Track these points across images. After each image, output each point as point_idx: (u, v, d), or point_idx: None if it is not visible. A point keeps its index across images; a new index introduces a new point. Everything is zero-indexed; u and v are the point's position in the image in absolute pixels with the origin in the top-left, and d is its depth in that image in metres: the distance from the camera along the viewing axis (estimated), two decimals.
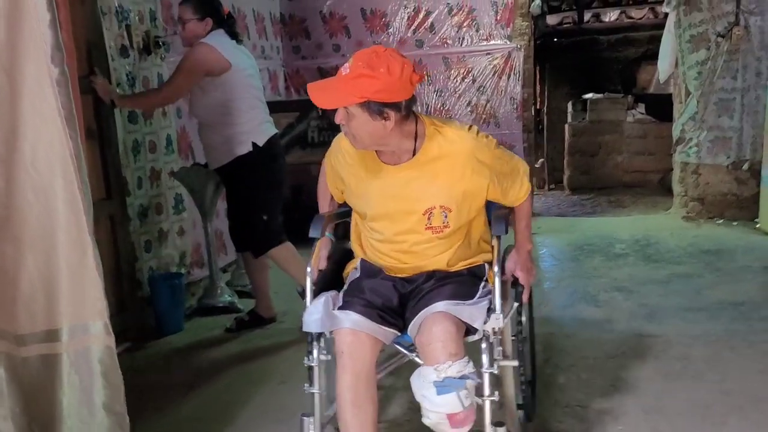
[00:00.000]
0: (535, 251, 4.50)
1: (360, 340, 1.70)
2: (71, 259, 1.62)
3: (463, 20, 5.04)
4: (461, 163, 1.76)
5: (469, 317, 1.71)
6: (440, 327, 1.65)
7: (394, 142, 1.75)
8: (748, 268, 3.84)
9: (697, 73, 4.92)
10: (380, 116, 1.66)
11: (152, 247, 3.36)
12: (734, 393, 2.35)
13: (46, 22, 1.51)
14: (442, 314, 1.68)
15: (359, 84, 1.63)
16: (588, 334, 2.97)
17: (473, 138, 1.79)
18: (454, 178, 1.77)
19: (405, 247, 1.84)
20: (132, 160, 3.22)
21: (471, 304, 1.76)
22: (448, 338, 1.63)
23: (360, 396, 1.69)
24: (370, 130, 1.69)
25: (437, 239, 1.82)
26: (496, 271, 1.81)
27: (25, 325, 1.64)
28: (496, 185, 1.84)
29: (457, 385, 1.59)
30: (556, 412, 2.29)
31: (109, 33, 3.02)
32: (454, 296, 1.76)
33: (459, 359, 1.62)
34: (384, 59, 1.64)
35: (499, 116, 5.12)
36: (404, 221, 1.81)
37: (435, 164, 1.77)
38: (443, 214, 1.78)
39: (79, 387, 1.68)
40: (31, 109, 1.55)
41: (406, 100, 1.69)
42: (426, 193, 1.78)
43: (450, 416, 1.60)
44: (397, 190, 1.79)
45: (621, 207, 6.22)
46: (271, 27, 5.04)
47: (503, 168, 1.85)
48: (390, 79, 1.62)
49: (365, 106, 1.64)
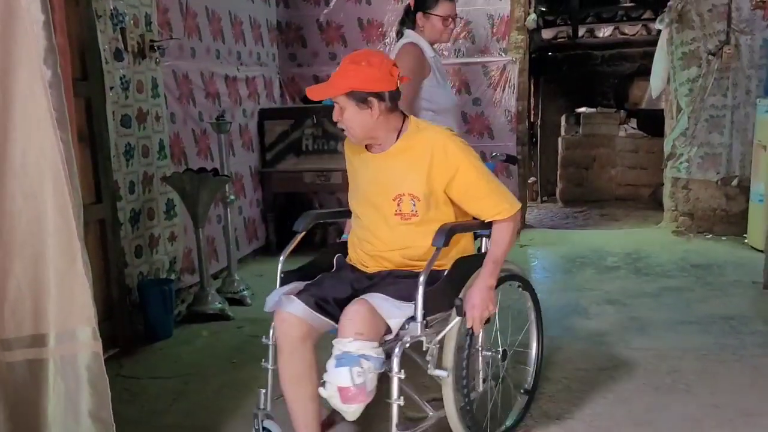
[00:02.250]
0: (527, 263, 4.51)
1: (290, 323, 1.83)
2: (60, 265, 1.60)
3: (460, 32, 5.06)
4: (430, 153, 1.90)
5: (386, 312, 1.75)
6: (354, 307, 1.74)
7: (382, 135, 1.94)
8: (738, 282, 3.86)
9: (689, 89, 4.98)
10: (365, 104, 1.85)
11: (143, 253, 3.34)
12: (724, 407, 2.36)
13: (39, 24, 1.50)
14: (362, 300, 1.77)
15: (345, 77, 1.86)
16: (579, 347, 2.97)
17: (448, 135, 1.94)
18: (422, 168, 1.90)
19: (377, 232, 1.97)
20: (124, 164, 3.20)
21: (397, 304, 1.78)
22: (357, 318, 1.71)
23: (296, 373, 1.85)
24: (359, 120, 1.88)
25: (405, 226, 1.92)
26: (421, 281, 1.79)
27: (12, 330, 1.62)
28: (461, 186, 1.91)
29: (352, 361, 1.67)
30: (547, 424, 2.28)
31: (103, 36, 3.01)
32: (390, 293, 1.81)
33: (364, 339, 1.69)
34: (365, 55, 1.90)
35: (493, 128, 5.14)
36: (379, 206, 1.96)
37: (408, 153, 1.93)
38: (412, 202, 1.91)
39: (64, 393, 1.65)
40: (23, 112, 1.54)
41: (390, 91, 1.87)
42: (397, 180, 1.93)
43: (340, 390, 1.68)
44: (375, 176, 1.98)
45: (613, 220, 6.25)
46: (268, 34, 5.05)
47: (471, 174, 1.91)
48: (370, 69, 1.84)
49: (351, 96, 1.85)
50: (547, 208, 7.30)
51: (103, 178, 2.98)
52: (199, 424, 2.36)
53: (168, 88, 3.58)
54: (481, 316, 1.90)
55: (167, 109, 3.57)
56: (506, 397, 2.25)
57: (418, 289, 1.78)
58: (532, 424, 2.28)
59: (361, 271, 2.03)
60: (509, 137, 5.12)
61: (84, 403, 1.66)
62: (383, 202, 1.95)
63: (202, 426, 2.34)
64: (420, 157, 1.91)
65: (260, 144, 4.82)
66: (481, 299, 1.90)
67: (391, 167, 1.95)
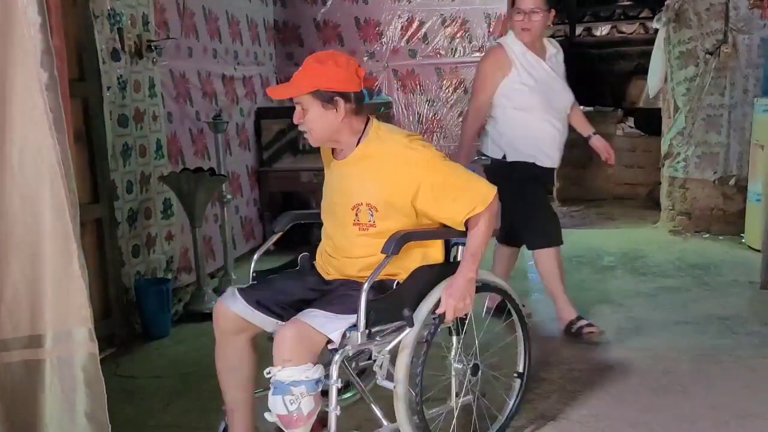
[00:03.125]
0: (523, 262, 4.52)
1: (226, 316, 1.88)
2: (57, 266, 1.60)
3: (456, 31, 5.07)
4: (388, 164, 1.85)
5: (320, 325, 1.72)
6: (281, 333, 1.72)
7: (344, 138, 1.90)
8: (735, 282, 3.87)
9: (686, 89, 4.98)
10: (330, 104, 1.81)
11: (140, 252, 3.34)
12: (720, 407, 2.37)
13: (36, 26, 1.50)
14: (292, 322, 1.74)
15: (310, 76, 1.83)
16: (575, 347, 2.97)
17: (406, 143, 1.87)
18: (380, 179, 1.86)
19: (337, 242, 1.95)
20: (121, 163, 3.20)
21: (336, 315, 1.75)
22: (283, 345, 1.69)
23: (227, 364, 1.91)
24: (324, 121, 1.84)
25: (363, 237, 1.88)
26: (365, 287, 1.75)
27: (9, 331, 1.62)
28: (428, 194, 1.85)
29: (283, 389, 1.68)
30: (542, 425, 2.29)
31: (100, 36, 3.01)
32: (332, 305, 1.78)
33: (293, 365, 1.67)
34: (331, 55, 1.88)
35: None
36: (339, 215, 1.93)
37: (366, 162, 1.89)
38: (369, 212, 1.87)
39: (61, 394, 1.66)
40: (20, 114, 1.54)
41: (355, 92, 1.84)
42: (356, 189, 1.90)
43: (279, 417, 1.71)
44: (338, 184, 1.96)
45: (610, 219, 6.25)
46: (265, 33, 5.04)
47: (437, 179, 1.85)
48: (337, 69, 1.82)
49: (316, 96, 1.81)
50: None
51: (101, 177, 2.98)
52: (196, 423, 2.37)
53: (165, 87, 3.58)
54: (456, 304, 1.86)
55: (164, 109, 3.57)
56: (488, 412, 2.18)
57: (361, 297, 1.74)
58: (528, 425, 2.29)
59: (320, 276, 2.02)
60: None
61: (80, 404, 1.66)
62: (343, 212, 1.91)
63: (198, 425, 2.35)
64: (378, 166, 1.86)
65: (257, 143, 4.82)
66: (459, 289, 1.87)
67: (351, 176, 1.91)
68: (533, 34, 2.90)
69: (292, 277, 2.04)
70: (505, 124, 2.96)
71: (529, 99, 2.89)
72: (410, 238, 1.87)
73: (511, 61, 2.89)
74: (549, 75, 2.96)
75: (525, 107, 2.91)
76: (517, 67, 2.89)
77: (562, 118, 3.02)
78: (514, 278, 4.11)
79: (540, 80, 2.92)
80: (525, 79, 2.89)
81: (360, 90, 1.86)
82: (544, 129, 2.96)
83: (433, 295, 1.91)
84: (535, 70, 2.92)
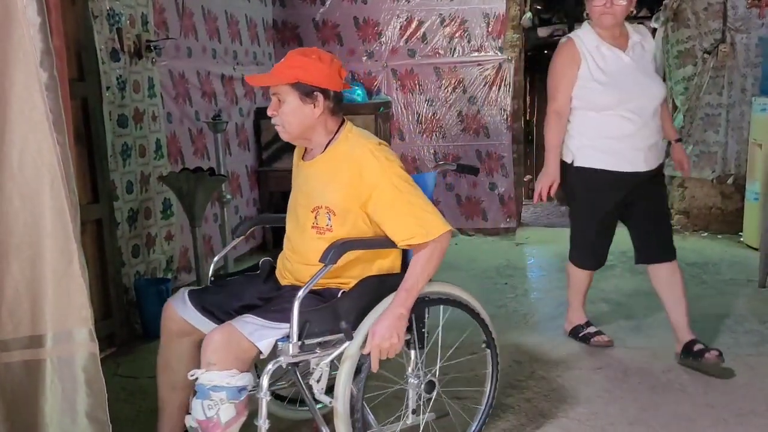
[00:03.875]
0: (523, 261, 4.53)
1: (170, 318, 1.89)
2: (57, 267, 1.61)
3: (455, 31, 5.07)
4: (350, 167, 1.81)
5: (250, 333, 1.66)
6: (209, 336, 1.68)
7: (316, 138, 1.86)
8: (733, 281, 3.87)
9: (684, 88, 4.99)
10: (310, 98, 1.78)
11: (140, 252, 3.34)
12: (718, 406, 2.37)
13: (36, 27, 1.50)
14: (223, 326, 1.70)
15: (292, 66, 1.79)
16: (574, 345, 2.98)
17: (372, 150, 1.81)
18: (341, 182, 1.81)
19: (296, 245, 1.90)
20: (121, 164, 3.20)
21: (271, 325, 1.69)
22: (209, 348, 1.65)
23: (164, 362, 1.92)
24: (300, 116, 1.80)
25: (319, 241, 1.82)
26: (299, 296, 1.67)
27: (9, 331, 1.62)
28: (377, 205, 1.79)
29: (203, 393, 1.64)
30: (541, 423, 2.30)
31: (99, 36, 3.01)
32: (270, 313, 1.72)
33: (216, 369, 1.63)
34: (315, 50, 1.84)
35: (488, 127, 5.15)
36: (300, 217, 1.89)
37: (330, 164, 1.85)
38: (327, 216, 1.82)
39: (61, 394, 1.66)
40: (20, 115, 1.54)
41: (336, 92, 1.82)
42: (318, 192, 1.85)
43: (198, 422, 1.66)
44: (302, 185, 1.92)
45: None
46: (264, 33, 5.05)
47: (387, 194, 1.77)
48: (321, 64, 1.78)
49: (296, 88, 1.77)
50: (542, 206, 7.30)
51: (100, 178, 2.99)
52: None
53: (164, 87, 3.58)
54: (380, 345, 1.72)
55: (164, 109, 3.57)
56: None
57: (294, 307, 1.66)
58: (527, 423, 2.30)
59: (277, 282, 1.98)
60: (505, 136, 5.14)
61: (81, 404, 1.66)
62: (304, 214, 1.87)
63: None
64: (340, 170, 1.82)
65: (256, 143, 4.82)
66: (386, 327, 1.73)
67: (315, 177, 1.87)
68: (616, 20, 2.58)
69: (248, 282, 1.99)
70: (574, 125, 2.71)
71: (600, 98, 2.61)
72: (349, 247, 1.77)
73: (581, 55, 2.63)
74: (628, 67, 2.62)
75: (596, 107, 2.63)
76: (587, 63, 2.62)
77: (647, 113, 2.62)
78: (513, 276, 4.14)
79: (615, 74, 2.61)
80: (596, 75, 2.61)
81: (340, 90, 1.84)
82: (621, 128, 2.61)
83: (379, 308, 1.79)
84: (610, 64, 2.62)
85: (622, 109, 2.60)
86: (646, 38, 2.71)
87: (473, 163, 5.20)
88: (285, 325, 1.68)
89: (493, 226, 5.26)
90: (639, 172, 2.66)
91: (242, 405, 1.67)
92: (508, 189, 5.20)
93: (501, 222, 5.25)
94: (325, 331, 1.74)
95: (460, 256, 4.65)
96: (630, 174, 2.66)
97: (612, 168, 2.65)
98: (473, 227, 5.29)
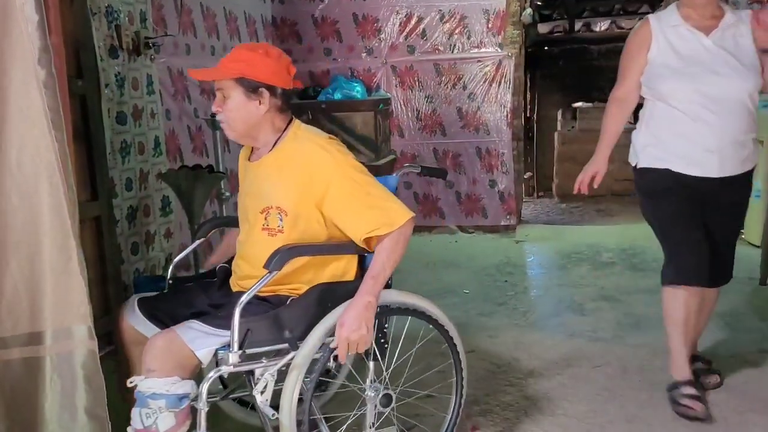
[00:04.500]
0: (523, 258, 4.53)
1: (121, 327, 1.84)
2: (56, 264, 1.61)
3: (455, 27, 5.06)
4: (300, 164, 1.73)
5: (190, 340, 1.60)
6: (150, 341, 1.63)
7: (263, 136, 1.80)
8: (734, 278, 3.84)
9: None
10: (255, 94, 1.72)
11: (139, 250, 3.34)
12: (718, 404, 2.37)
13: (34, 24, 1.50)
14: (164, 332, 1.65)
15: (237, 61, 1.72)
16: (574, 343, 2.98)
17: (322, 145, 1.75)
18: (291, 182, 1.73)
19: (248, 248, 1.82)
20: (120, 161, 3.20)
21: (212, 331, 1.64)
22: (148, 354, 1.61)
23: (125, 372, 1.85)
24: (244, 112, 1.74)
25: (270, 243, 1.73)
26: (241, 301, 1.60)
27: (8, 328, 1.62)
28: (334, 202, 1.71)
29: (141, 402, 1.61)
30: (541, 421, 2.30)
31: (98, 33, 3.00)
32: (216, 320, 1.67)
33: (156, 376, 1.58)
34: (264, 46, 1.78)
35: (489, 123, 5.15)
36: (251, 220, 1.82)
37: (279, 163, 1.77)
38: (279, 217, 1.74)
39: (60, 391, 1.66)
40: (18, 112, 1.54)
41: (283, 88, 1.76)
42: (266, 192, 1.77)
43: (135, 430, 1.62)
44: (250, 187, 1.84)
45: (609, 216, 6.26)
46: (263, 30, 5.03)
47: (344, 188, 1.70)
48: (268, 60, 1.72)
49: (241, 83, 1.71)
50: (542, 203, 7.31)
51: (99, 175, 2.97)
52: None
53: (163, 84, 3.58)
54: (349, 336, 1.62)
55: (162, 106, 3.56)
56: None
57: (234, 314, 1.58)
58: (527, 420, 2.30)
59: (229, 288, 1.90)
60: (505, 133, 5.13)
61: (80, 401, 1.67)
62: (254, 215, 1.79)
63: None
64: (289, 168, 1.73)
65: None
66: (353, 317, 1.63)
67: (263, 177, 1.79)
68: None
69: (201, 289, 1.93)
70: (643, 119, 2.42)
71: (667, 84, 2.25)
72: (296, 253, 1.68)
73: (653, 36, 2.29)
74: (708, 52, 2.22)
75: (663, 96, 2.28)
76: (658, 44, 2.28)
77: (727, 109, 2.20)
78: (512, 274, 4.14)
79: (690, 60, 2.23)
80: (668, 59, 2.26)
81: (289, 87, 1.77)
82: (691, 124, 2.23)
83: (330, 318, 1.70)
84: (686, 47, 2.25)
85: (695, 102, 2.20)
86: (741, 22, 2.26)
87: (473, 160, 5.20)
88: (228, 332, 1.61)
89: (493, 223, 5.25)
90: (710, 178, 2.24)
91: (183, 414, 1.61)
92: (508, 186, 5.20)
93: (501, 219, 5.24)
94: (269, 340, 1.67)
95: (459, 254, 4.65)
96: (698, 179, 2.25)
97: (677, 170, 2.27)
98: (473, 224, 5.29)
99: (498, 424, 2.27)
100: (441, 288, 3.85)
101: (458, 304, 3.58)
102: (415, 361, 2.05)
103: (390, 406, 1.82)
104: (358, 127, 4.66)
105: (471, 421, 2.27)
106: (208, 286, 1.96)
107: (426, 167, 2.28)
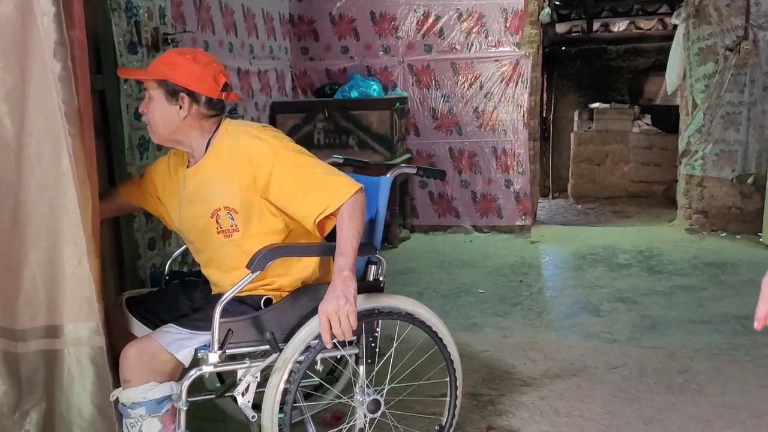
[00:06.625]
0: (537, 259, 4.50)
1: (111, 316, 1.80)
2: (71, 259, 1.62)
3: (473, 26, 5.04)
4: (238, 158, 1.68)
5: (168, 343, 1.59)
6: (123, 353, 1.61)
7: (189, 141, 1.74)
8: (752, 281, 3.82)
9: (705, 86, 4.92)
10: (174, 99, 1.67)
11: (156, 245, 3.36)
12: (735, 407, 2.34)
13: (50, 17, 1.50)
14: (139, 339, 1.65)
15: (162, 63, 1.69)
16: (589, 344, 2.96)
17: (255, 134, 1.71)
18: (232, 177, 1.68)
19: (210, 254, 1.78)
20: (138, 156, 3.22)
21: (190, 333, 1.63)
22: (123, 365, 1.60)
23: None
24: (164, 116, 1.69)
25: (229, 245, 1.71)
26: (221, 302, 1.58)
27: (26, 321, 1.64)
28: (278, 189, 1.67)
29: (123, 413, 1.61)
30: (556, 421, 2.28)
31: (117, 29, 3.02)
32: (194, 322, 1.66)
33: (132, 386, 1.58)
34: (194, 51, 1.73)
35: (505, 123, 5.12)
36: (203, 226, 1.75)
37: (216, 162, 1.71)
38: (229, 216, 1.69)
39: (72, 385, 1.67)
40: (39, 105, 1.55)
41: (207, 96, 1.69)
42: (212, 195, 1.71)
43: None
44: (192, 195, 1.76)
45: (625, 217, 6.21)
46: (280, 27, 5.05)
47: (287, 173, 1.66)
48: (193, 65, 1.67)
49: (162, 86, 1.67)
50: (558, 204, 7.27)
51: (118, 170, 3.00)
52: (207, 414, 2.38)
53: None
54: (327, 308, 1.54)
55: None
56: None
57: (214, 314, 1.56)
58: (541, 421, 2.28)
59: (209, 290, 1.88)
60: (521, 132, 5.10)
61: (91, 396, 1.68)
62: (205, 222, 1.74)
63: (208, 415, 2.36)
64: (228, 164, 1.69)
65: None
66: (331, 291, 1.57)
67: (205, 181, 1.73)
68: None
69: (185, 290, 1.93)
70: None
71: None
72: (279, 253, 1.64)
73: None
74: None
75: None
76: None
77: None
78: (527, 274, 4.11)
79: None
80: None
81: (215, 96, 1.70)
82: None
83: (315, 320, 1.64)
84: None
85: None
86: None
87: (489, 160, 5.18)
88: (207, 333, 1.60)
89: (508, 223, 5.22)
90: None
91: (168, 417, 1.60)
92: (523, 186, 5.17)
93: (516, 219, 5.22)
94: (250, 340, 1.66)
95: (474, 253, 4.63)
96: None
97: None
98: (488, 224, 5.26)
99: (513, 425, 2.26)
100: (456, 287, 3.84)
101: (473, 303, 3.56)
102: (411, 363, 2.03)
103: (378, 412, 1.76)
104: (374, 125, 4.66)
105: (486, 421, 2.26)
106: (194, 287, 1.96)
107: (423, 168, 2.20)
